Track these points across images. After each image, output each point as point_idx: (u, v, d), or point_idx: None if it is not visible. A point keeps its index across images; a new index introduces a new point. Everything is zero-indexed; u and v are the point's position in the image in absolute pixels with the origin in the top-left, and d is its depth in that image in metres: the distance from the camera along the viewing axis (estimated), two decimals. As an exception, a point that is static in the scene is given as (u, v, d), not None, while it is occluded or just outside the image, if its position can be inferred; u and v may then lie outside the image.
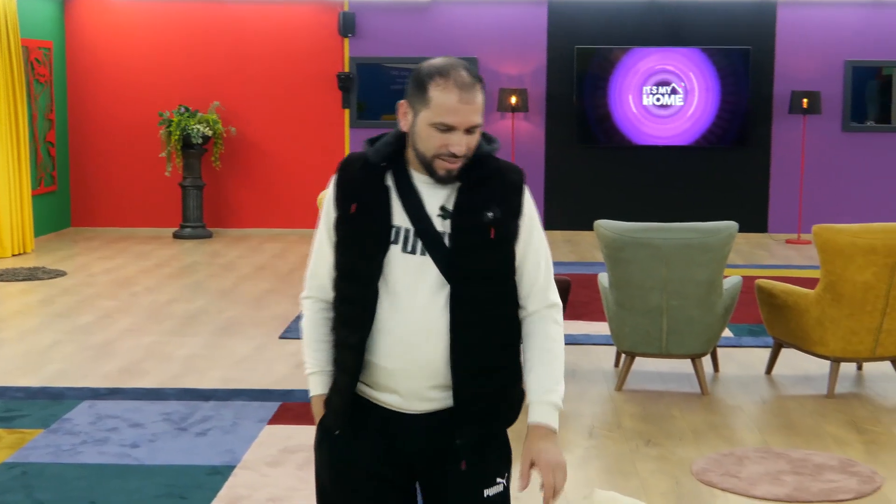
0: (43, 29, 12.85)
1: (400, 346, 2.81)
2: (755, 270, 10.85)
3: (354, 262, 2.85)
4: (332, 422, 2.92)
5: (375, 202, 2.83)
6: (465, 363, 2.81)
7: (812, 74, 13.12)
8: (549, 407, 2.87)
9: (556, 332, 2.90)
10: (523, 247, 2.88)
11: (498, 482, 2.94)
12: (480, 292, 2.82)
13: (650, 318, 6.57)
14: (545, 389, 2.87)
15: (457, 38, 13.20)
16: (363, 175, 2.87)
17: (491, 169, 2.89)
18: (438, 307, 2.80)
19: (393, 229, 2.81)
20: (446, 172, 2.81)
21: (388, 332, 2.81)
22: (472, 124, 2.80)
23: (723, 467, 5.39)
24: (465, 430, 2.85)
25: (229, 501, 4.90)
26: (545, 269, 2.92)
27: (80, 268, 10.93)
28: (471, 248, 2.80)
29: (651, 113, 13.09)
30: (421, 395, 2.84)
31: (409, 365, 2.82)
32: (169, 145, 12.79)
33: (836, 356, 6.57)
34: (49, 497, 4.94)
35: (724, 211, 13.20)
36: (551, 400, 2.86)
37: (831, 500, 4.98)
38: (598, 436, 5.90)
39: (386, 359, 2.82)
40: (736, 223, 6.55)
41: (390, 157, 2.88)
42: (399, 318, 2.81)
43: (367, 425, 2.89)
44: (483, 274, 2.82)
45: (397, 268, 2.81)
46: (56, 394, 6.55)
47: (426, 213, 2.82)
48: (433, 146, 2.79)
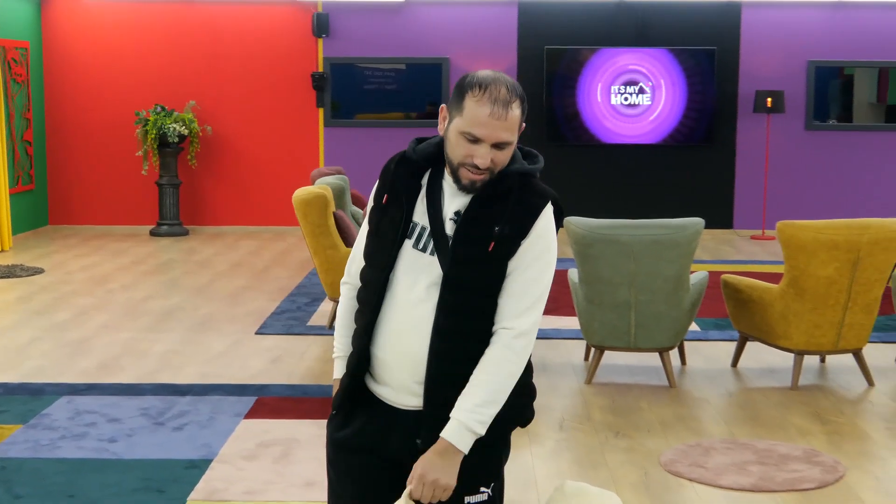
0: (19, 29, 12.76)
1: (391, 337, 2.87)
2: (721, 266, 10.90)
3: (374, 250, 2.92)
4: (335, 402, 2.99)
5: (404, 197, 2.89)
6: (438, 367, 2.82)
7: (775, 74, 13.19)
8: (459, 426, 2.78)
9: (506, 357, 2.82)
10: (515, 264, 2.84)
11: (482, 491, 2.90)
12: (467, 302, 2.82)
13: (619, 313, 6.59)
14: (464, 409, 2.79)
15: (429, 38, 13.19)
16: (402, 171, 2.94)
17: (512, 186, 2.86)
18: (429, 307, 2.83)
19: (412, 224, 2.87)
20: (469, 182, 2.82)
21: (385, 321, 2.87)
22: (500, 140, 2.79)
23: (690, 458, 5.41)
24: (428, 434, 2.83)
25: (206, 495, 4.89)
26: (530, 297, 2.84)
27: (57, 265, 10.86)
28: (467, 257, 2.81)
29: (619, 112, 13.12)
30: (408, 388, 2.87)
31: (396, 357, 2.86)
32: (145, 144, 12.73)
33: (800, 349, 6.61)
34: (28, 491, 4.91)
35: (690, 208, 13.26)
36: (465, 420, 2.78)
37: (795, 490, 5.01)
38: (569, 428, 5.91)
39: (381, 348, 2.89)
40: (702, 220, 6.57)
41: (432, 158, 2.92)
42: (395, 310, 2.86)
43: (364, 413, 2.94)
44: (473, 285, 2.82)
45: (405, 261, 2.86)
46: (35, 390, 6.51)
47: (443, 216, 2.86)
48: (460, 154, 2.80)
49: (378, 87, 13.29)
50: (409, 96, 13.26)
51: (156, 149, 12.71)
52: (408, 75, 13.24)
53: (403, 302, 2.86)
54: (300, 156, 13.33)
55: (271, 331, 8.06)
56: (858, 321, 6.56)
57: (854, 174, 13.31)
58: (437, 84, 13.19)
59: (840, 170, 13.31)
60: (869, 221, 6.40)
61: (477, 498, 2.90)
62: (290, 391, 6.50)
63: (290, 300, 9.17)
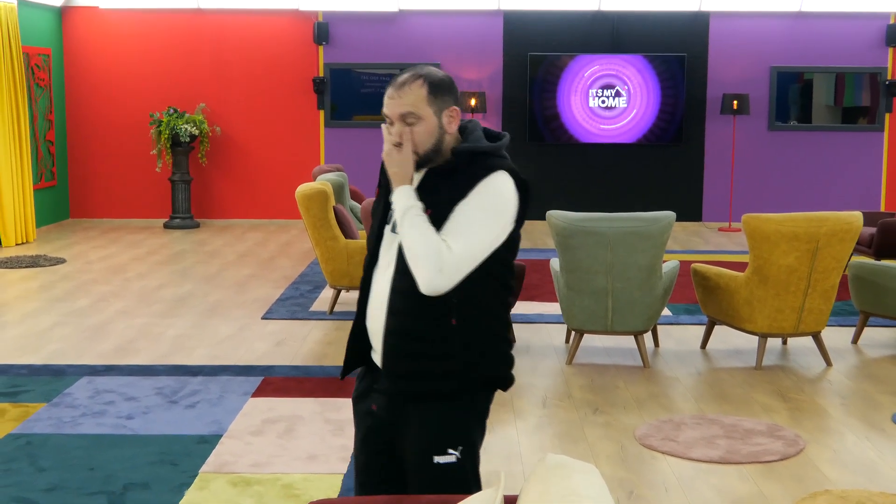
0: (42, 37, 12.70)
1: (371, 312, 2.96)
2: (691, 255, 10.91)
3: (369, 235, 3.04)
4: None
5: (385, 186, 3.00)
6: (392, 325, 2.88)
7: (741, 78, 13.19)
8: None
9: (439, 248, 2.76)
10: (448, 218, 2.81)
11: (450, 453, 2.86)
12: (415, 283, 2.82)
13: (597, 299, 6.59)
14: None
15: (421, 45, 13.16)
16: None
17: (459, 162, 2.86)
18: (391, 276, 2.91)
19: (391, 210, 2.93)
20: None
21: (370, 298, 2.98)
22: (401, 113, 2.85)
23: (662, 432, 5.42)
24: (382, 382, 2.94)
25: (217, 467, 4.88)
26: (458, 225, 2.77)
27: (77, 256, 10.83)
28: None
29: (597, 114, 13.11)
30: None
31: (375, 324, 2.94)
32: (159, 143, 12.69)
33: (764, 332, 6.62)
34: (52, 464, 4.90)
35: (662, 202, 13.28)
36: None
37: (760, 462, 5.02)
38: (551, 405, 5.91)
39: (367, 321, 2.99)
40: (673, 213, 6.58)
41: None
42: (374, 288, 2.96)
43: (368, 375, 3.05)
44: None
45: (385, 243, 2.96)
46: (57, 371, 6.50)
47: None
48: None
49: (374, 91, 13.26)
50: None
51: (169, 148, 12.67)
52: (402, 80, 13.21)
53: (379, 280, 2.95)
54: (302, 154, 13.31)
55: (276, 316, 8.05)
56: (817, 306, 6.57)
57: (813, 171, 13.33)
58: (429, 88, 13.15)
59: (800, 167, 13.32)
60: (827, 214, 6.41)
61: (445, 459, 2.86)
62: (294, 371, 6.49)
63: (293, 287, 9.15)
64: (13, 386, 6.17)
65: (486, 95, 12.94)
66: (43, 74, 12.60)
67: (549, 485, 2.27)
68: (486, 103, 12.90)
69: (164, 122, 12.58)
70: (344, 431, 5.35)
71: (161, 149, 12.72)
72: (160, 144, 12.67)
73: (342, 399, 5.90)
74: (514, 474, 4.85)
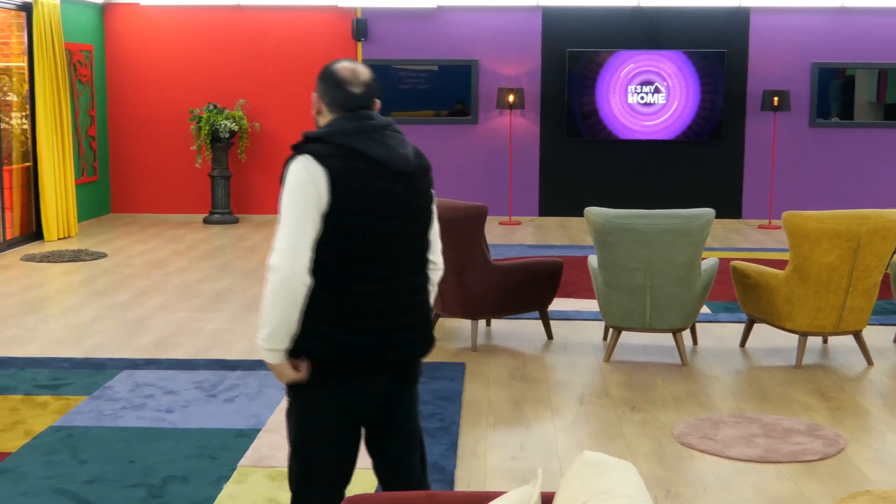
0: (84, 34, 12.82)
1: None
2: (730, 253, 10.83)
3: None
4: None
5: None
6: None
7: (782, 75, 13.08)
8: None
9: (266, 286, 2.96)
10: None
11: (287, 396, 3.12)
12: None
13: (635, 296, 6.56)
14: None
15: (460, 42, 13.15)
16: None
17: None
18: None
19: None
20: None
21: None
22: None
23: (700, 431, 5.39)
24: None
25: (255, 461, 4.91)
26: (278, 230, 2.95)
27: (118, 250, 10.93)
28: None
29: (636, 110, 13.05)
30: None
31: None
32: (199, 139, 12.78)
33: (804, 331, 6.56)
34: (92, 457, 4.94)
35: (702, 199, 13.19)
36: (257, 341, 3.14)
37: (799, 461, 4.98)
38: (588, 403, 5.89)
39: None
40: (713, 210, 6.53)
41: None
42: None
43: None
44: None
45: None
46: (98, 364, 6.56)
47: None
48: None
49: (412, 87, 13.27)
50: (440, 95, 13.23)
51: (208, 143, 12.75)
52: (439, 76, 13.22)
53: None
54: (341, 150, 13.33)
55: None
56: (858, 305, 6.50)
57: (854, 168, 13.19)
58: (467, 84, 13.16)
59: (841, 164, 13.19)
60: (868, 212, 6.34)
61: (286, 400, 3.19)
62: (332, 367, 6.51)
63: (331, 283, 9.17)
64: (55, 379, 6.23)
65: (524, 92, 12.91)
66: (85, 71, 12.72)
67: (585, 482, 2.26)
68: (524, 100, 12.87)
69: (203, 118, 12.66)
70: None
71: (201, 145, 12.80)
72: (200, 140, 12.76)
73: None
74: (550, 471, 4.84)
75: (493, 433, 5.35)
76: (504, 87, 12.93)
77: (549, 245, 11.40)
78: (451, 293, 6.86)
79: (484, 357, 6.84)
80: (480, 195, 13.34)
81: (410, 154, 3.06)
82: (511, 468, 4.86)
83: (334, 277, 2.95)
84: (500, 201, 13.36)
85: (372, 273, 2.97)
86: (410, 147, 3.10)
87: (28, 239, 11.49)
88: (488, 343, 7.19)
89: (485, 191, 13.33)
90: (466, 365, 6.64)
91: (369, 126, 2.99)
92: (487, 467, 4.87)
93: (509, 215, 13.23)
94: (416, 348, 3.09)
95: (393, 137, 3.03)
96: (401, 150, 3.03)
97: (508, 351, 6.99)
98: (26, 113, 11.59)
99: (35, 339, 7.25)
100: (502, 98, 12.74)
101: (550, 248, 11.21)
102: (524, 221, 13.23)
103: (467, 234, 6.69)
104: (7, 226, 11.15)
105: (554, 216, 13.36)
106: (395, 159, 3.00)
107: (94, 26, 13.09)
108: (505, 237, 11.98)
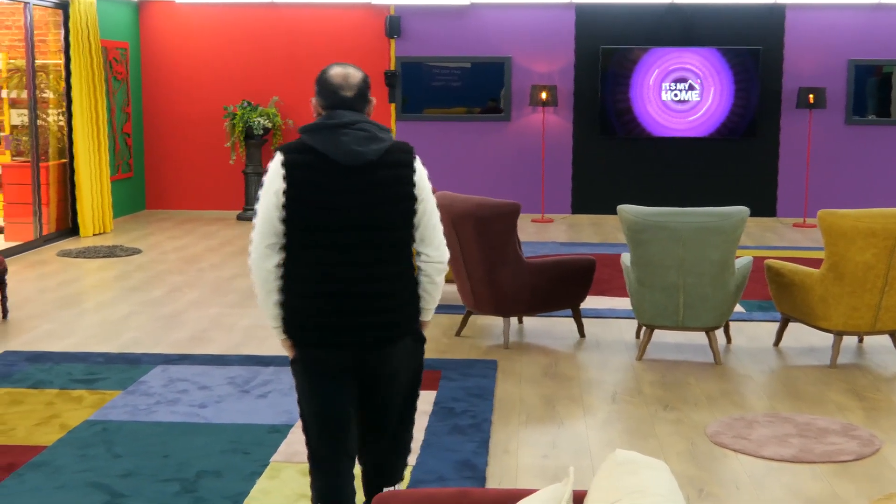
0: (120, 31, 12.92)
1: None
2: (764, 251, 10.76)
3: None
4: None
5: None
6: None
7: (817, 72, 12.97)
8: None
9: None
10: None
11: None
12: None
13: (668, 294, 6.53)
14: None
15: (492, 39, 13.15)
16: None
17: None
18: None
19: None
20: None
21: None
22: None
23: (734, 430, 5.36)
24: None
25: (287, 457, 4.93)
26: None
27: (153, 246, 11.01)
28: None
29: (669, 108, 12.99)
30: None
31: None
32: (233, 136, 12.85)
33: (839, 330, 6.51)
34: (126, 451, 4.99)
35: (736, 197, 13.11)
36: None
37: (834, 461, 4.94)
38: (620, 401, 5.88)
39: None
40: (747, 208, 6.49)
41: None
42: None
43: None
44: None
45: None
46: (132, 359, 6.61)
47: None
48: None
49: (445, 84, 13.27)
50: (473, 93, 13.22)
51: (242, 140, 12.82)
52: (472, 73, 13.21)
53: None
54: (373, 147, 13.35)
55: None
56: (895, 304, 6.44)
57: (891, 166, 13.06)
58: (500, 81, 13.15)
59: (878, 162, 13.06)
60: (906, 210, 6.28)
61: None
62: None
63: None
64: (90, 373, 6.29)
65: (557, 89, 12.88)
66: (120, 68, 12.81)
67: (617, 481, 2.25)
68: (557, 97, 12.84)
69: (237, 115, 12.72)
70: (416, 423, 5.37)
71: (235, 141, 12.87)
72: (234, 137, 12.83)
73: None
74: (582, 469, 4.84)
75: (524, 431, 5.35)
76: (537, 84, 12.91)
77: (581, 243, 11.37)
78: (484, 291, 6.86)
79: (516, 354, 6.83)
80: (513, 192, 13.33)
81: (371, 151, 3.22)
82: (543, 466, 4.86)
83: (288, 261, 3.29)
84: (532, 199, 13.34)
85: (314, 260, 3.24)
86: (383, 144, 3.25)
87: (64, 235, 11.60)
88: (520, 341, 7.18)
89: (517, 188, 13.32)
90: (498, 362, 6.63)
91: (327, 125, 3.22)
92: (519, 465, 4.87)
93: (542, 213, 13.21)
94: (372, 333, 3.26)
95: (353, 134, 3.21)
96: (356, 146, 3.20)
97: (541, 348, 6.99)
98: (63, 110, 11.70)
99: (71, 333, 7.32)
100: (535, 95, 12.72)
101: (583, 245, 11.18)
102: (557, 219, 13.21)
103: (499, 232, 6.69)
104: (43, 221, 11.26)
105: (587, 214, 13.33)
106: (346, 154, 3.20)
107: (130, 24, 13.19)
108: (537, 235, 11.97)
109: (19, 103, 11.97)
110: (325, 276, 3.22)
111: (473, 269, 6.84)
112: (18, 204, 11.16)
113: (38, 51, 11.47)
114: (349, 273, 3.23)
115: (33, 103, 10.99)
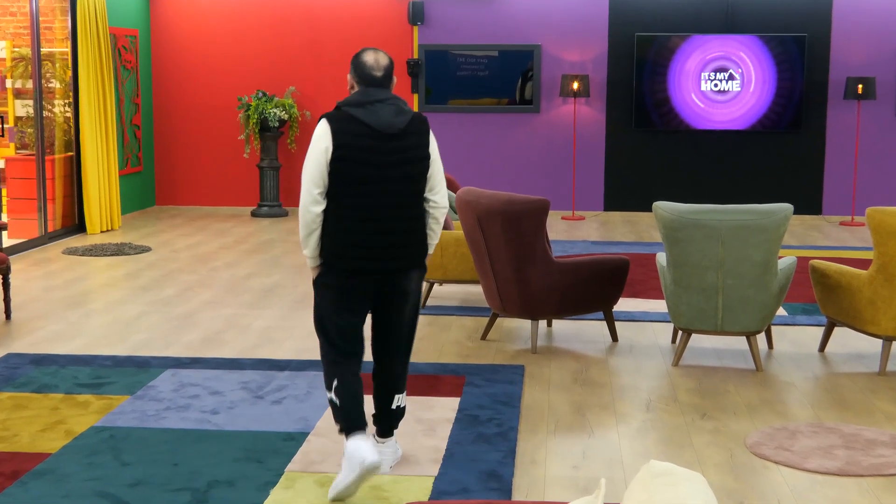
0: (129, 18, 12.99)
1: None
2: (809, 251, 10.71)
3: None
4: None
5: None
6: None
7: (867, 61, 12.89)
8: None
9: None
10: None
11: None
12: None
13: (706, 297, 6.51)
14: None
15: (521, 26, 13.14)
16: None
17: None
18: None
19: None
20: None
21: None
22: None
23: (776, 441, 5.34)
24: None
25: (303, 466, 4.95)
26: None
27: (163, 244, 11.07)
28: None
29: (709, 98, 12.95)
30: None
31: None
32: (247, 128, 12.90)
33: (888, 335, 6.48)
34: (135, 459, 5.02)
35: (779, 193, 13.05)
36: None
37: (882, 475, 4.92)
38: (655, 409, 5.87)
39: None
40: (791, 205, 6.47)
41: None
42: None
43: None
44: None
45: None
46: (141, 362, 6.65)
47: None
48: None
49: (471, 74, 13.27)
50: (501, 82, 13.22)
51: (257, 133, 12.86)
52: (499, 62, 13.21)
53: None
54: (395, 140, 13.37)
55: (366, 309, 8.11)
56: (948, 308, 6.40)
57: (945, 161, 12.97)
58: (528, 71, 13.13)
59: (931, 156, 12.97)
60: (960, 208, 6.23)
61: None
62: (384, 368, 6.53)
63: (384, 280, 9.20)
64: (97, 377, 6.33)
65: (589, 79, 12.86)
66: (130, 56, 12.89)
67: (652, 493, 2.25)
68: (589, 87, 12.82)
69: (252, 107, 12.77)
70: (435, 432, 5.38)
71: (249, 134, 12.93)
72: (248, 129, 12.88)
73: (434, 398, 5.93)
74: (615, 481, 4.83)
75: (553, 440, 5.35)
76: (568, 73, 12.89)
77: (614, 241, 11.35)
78: (511, 292, 6.86)
79: (544, 359, 6.83)
80: (542, 188, 13.32)
81: (401, 121, 4.45)
82: (572, 477, 4.86)
83: (333, 207, 4.44)
84: (562, 195, 13.33)
85: (356, 204, 4.42)
86: (407, 116, 4.49)
87: (70, 232, 11.68)
88: (549, 345, 7.18)
89: (547, 183, 13.31)
90: (526, 367, 6.63)
91: (367, 99, 4.45)
92: (547, 476, 4.87)
93: (572, 210, 13.20)
94: (398, 262, 4.51)
95: (386, 108, 4.45)
96: (390, 117, 4.44)
97: (570, 353, 6.98)
98: (69, 100, 11.78)
99: (77, 335, 7.37)
100: (566, 85, 12.70)
101: (616, 244, 11.16)
102: (588, 216, 13.19)
103: (527, 230, 6.69)
104: (49, 218, 11.35)
105: (620, 211, 13.30)
106: (381, 124, 4.42)
107: (140, 10, 13.26)
108: (568, 233, 11.95)
109: (24, 93, 12.06)
110: (365, 217, 4.41)
111: (500, 269, 6.84)
112: (23, 199, 11.25)
113: (43, 38, 11.56)
114: (383, 214, 4.43)
115: (39, 94, 11.08)
